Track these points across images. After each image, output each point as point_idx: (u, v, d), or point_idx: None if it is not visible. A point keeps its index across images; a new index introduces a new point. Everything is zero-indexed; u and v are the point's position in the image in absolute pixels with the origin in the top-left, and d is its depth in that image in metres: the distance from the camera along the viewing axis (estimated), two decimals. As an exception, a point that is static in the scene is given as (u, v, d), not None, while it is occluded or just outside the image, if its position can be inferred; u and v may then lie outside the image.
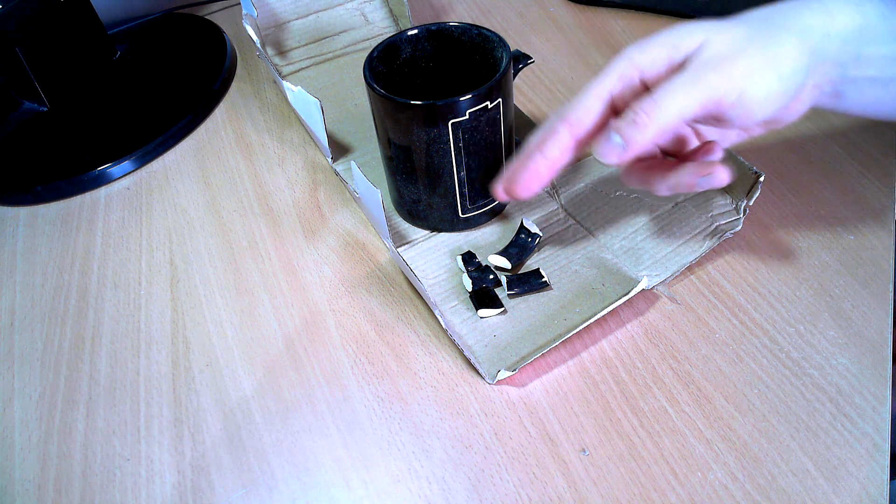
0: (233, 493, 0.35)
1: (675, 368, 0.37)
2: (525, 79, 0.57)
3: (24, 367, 0.42)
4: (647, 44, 0.34)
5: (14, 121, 0.59)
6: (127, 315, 0.44)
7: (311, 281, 0.44)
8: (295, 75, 0.60)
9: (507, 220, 0.46)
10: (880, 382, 0.35)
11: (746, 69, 0.31)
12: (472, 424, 0.36)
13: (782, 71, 0.31)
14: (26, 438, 0.38)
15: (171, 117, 0.57)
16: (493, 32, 0.41)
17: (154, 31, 0.68)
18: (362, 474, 0.35)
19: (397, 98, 0.38)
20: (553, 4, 0.65)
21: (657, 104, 0.31)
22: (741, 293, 0.40)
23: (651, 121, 0.32)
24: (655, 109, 0.31)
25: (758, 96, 0.32)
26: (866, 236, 0.42)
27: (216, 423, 0.38)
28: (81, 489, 0.36)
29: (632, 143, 0.32)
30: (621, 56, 0.35)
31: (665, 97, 0.31)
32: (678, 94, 0.31)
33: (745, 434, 0.34)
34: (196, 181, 0.53)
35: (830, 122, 0.49)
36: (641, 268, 0.42)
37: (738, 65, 0.31)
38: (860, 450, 0.33)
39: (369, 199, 0.40)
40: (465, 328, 0.40)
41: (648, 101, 0.32)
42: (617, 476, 0.33)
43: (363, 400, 0.38)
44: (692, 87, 0.31)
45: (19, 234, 0.51)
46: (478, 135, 0.39)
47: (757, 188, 0.42)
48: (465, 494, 0.33)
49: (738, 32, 0.32)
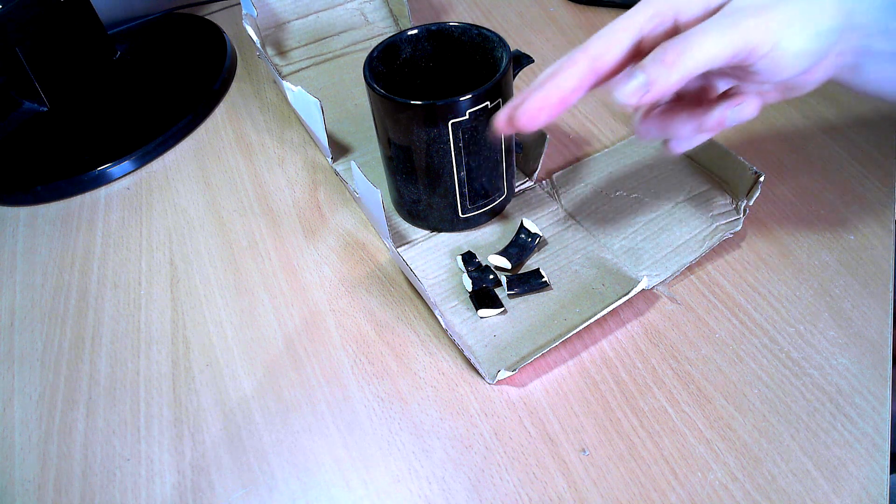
0: (233, 493, 0.35)
1: (675, 368, 0.37)
2: (525, 79, 0.57)
3: (24, 367, 0.42)
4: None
5: (14, 121, 0.59)
6: (127, 315, 0.44)
7: (311, 281, 0.44)
8: (295, 75, 0.60)
9: (507, 220, 0.46)
10: (880, 382, 0.35)
11: (785, 19, 0.29)
12: (472, 424, 0.36)
13: (820, 27, 0.30)
14: (26, 438, 0.38)
15: (171, 117, 0.57)
16: (493, 32, 0.41)
17: (154, 31, 0.68)
18: (362, 474, 0.35)
19: (397, 98, 0.38)
20: (553, 4, 0.65)
21: (688, 44, 0.29)
22: (741, 293, 0.40)
23: (680, 61, 0.29)
24: (686, 50, 0.29)
25: (791, 50, 0.30)
26: (866, 236, 0.42)
27: (216, 423, 0.38)
28: (81, 489, 0.36)
29: (656, 83, 0.30)
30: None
31: (697, 38, 0.29)
32: (711, 37, 0.29)
33: (745, 434, 0.34)
34: (196, 181, 0.53)
35: (831, 123, 0.49)
36: (641, 268, 0.42)
37: (777, 13, 0.29)
38: (860, 450, 0.33)
39: (369, 199, 0.40)
40: (465, 328, 0.40)
41: (679, 39, 0.29)
42: (617, 476, 0.33)
43: (363, 400, 0.38)
44: (728, 31, 0.29)
45: (19, 234, 0.51)
46: (478, 135, 0.39)
47: (757, 188, 0.42)
48: (465, 494, 0.33)
49: None
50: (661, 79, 0.29)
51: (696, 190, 0.45)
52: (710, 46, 0.29)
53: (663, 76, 0.29)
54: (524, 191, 0.48)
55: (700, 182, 0.46)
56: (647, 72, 0.30)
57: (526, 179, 0.48)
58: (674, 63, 0.29)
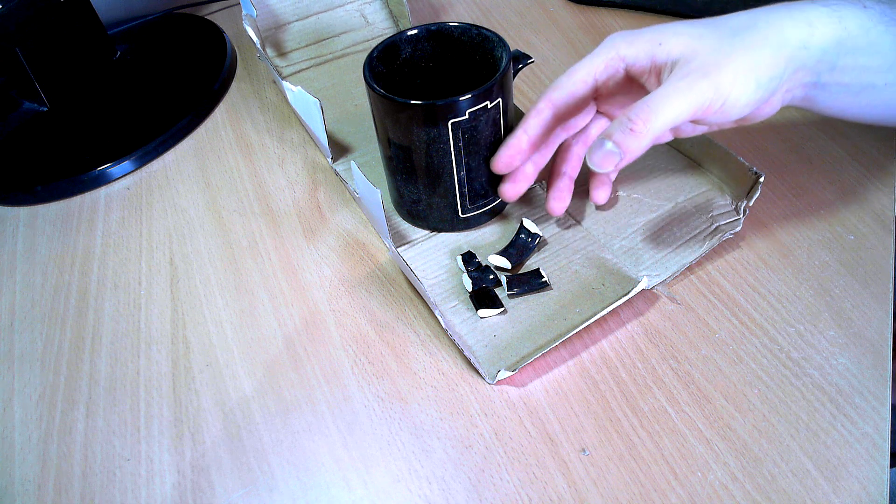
0: (233, 493, 0.35)
1: (675, 368, 0.37)
2: (525, 79, 0.57)
3: (24, 367, 0.42)
4: (634, 37, 0.35)
5: (14, 121, 0.59)
6: (127, 315, 0.44)
7: (311, 281, 0.44)
8: (295, 76, 0.60)
9: (507, 220, 0.46)
10: (880, 382, 0.35)
11: (731, 78, 0.32)
12: (472, 424, 0.36)
13: (760, 78, 0.32)
14: (26, 438, 0.38)
15: (171, 117, 0.57)
16: (493, 32, 0.41)
17: (154, 31, 0.68)
18: (362, 474, 0.35)
19: (397, 98, 0.38)
20: (553, 4, 0.65)
21: (652, 111, 0.32)
22: (741, 293, 0.40)
23: (647, 128, 0.32)
24: (651, 116, 0.32)
25: (738, 102, 0.33)
26: (866, 236, 0.42)
27: (216, 423, 0.38)
28: (81, 489, 0.36)
29: (629, 151, 0.33)
30: (608, 44, 0.36)
31: (660, 103, 0.32)
32: (672, 101, 0.32)
33: (745, 434, 0.34)
34: (196, 181, 0.53)
35: (830, 122, 0.49)
36: (641, 268, 0.42)
37: (724, 73, 0.32)
38: (860, 450, 0.33)
39: (369, 199, 0.40)
40: (465, 328, 0.40)
41: (643, 107, 0.32)
42: (617, 476, 0.33)
43: (363, 400, 0.38)
44: (685, 95, 0.32)
45: (19, 234, 0.51)
46: (478, 135, 0.39)
47: (757, 188, 0.42)
48: (465, 494, 0.33)
49: (722, 38, 0.33)
50: (633, 146, 0.33)
51: (696, 190, 0.45)
52: (674, 109, 0.32)
53: (634, 143, 0.33)
54: (524, 191, 0.48)
55: (700, 182, 0.46)
56: (619, 141, 0.33)
57: (526, 179, 0.48)
58: (642, 131, 0.32)
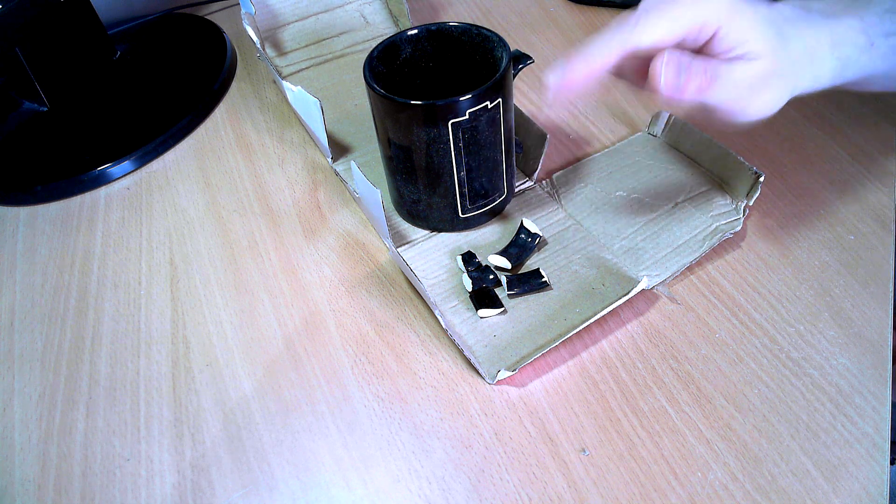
0: (233, 493, 0.35)
1: (675, 368, 0.37)
2: (525, 79, 0.57)
3: (24, 367, 0.42)
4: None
5: (14, 121, 0.59)
6: (127, 315, 0.44)
7: (311, 281, 0.44)
8: (295, 76, 0.60)
9: (507, 220, 0.46)
10: (880, 382, 0.35)
11: (773, 97, 0.34)
12: (472, 424, 0.36)
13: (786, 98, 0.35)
14: (26, 438, 0.38)
15: (171, 117, 0.57)
16: (493, 32, 0.41)
17: (154, 31, 0.68)
18: (362, 474, 0.35)
19: (397, 98, 0.38)
20: (553, 4, 0.65)
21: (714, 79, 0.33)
22: (741, 293, 0.40)
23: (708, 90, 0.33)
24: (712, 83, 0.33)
25: (763, 113, 0.34)
26: (866, 236, 0.42)
27: (216, 423, 0.38)
28: (81, 489, 0.36)
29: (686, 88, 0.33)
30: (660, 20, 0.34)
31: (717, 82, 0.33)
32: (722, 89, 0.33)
33: (745, 434, 0.34)
34: (196, 181, 0.53)
35: (831, 122, 0.49)
36: (641, 268, 0.42)
37: (769, 91, 0.34)
38: (860, 450, 0.33)
39: (369, 199, 0.40)
40: (465, 328, 0.40)
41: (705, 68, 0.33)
42: (617, 476, 0.33)
43: (363, 400, 0.38)
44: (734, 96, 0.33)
45: (19, 234, 0.51)
46: (478, 135, 0.39)
47: (757, 188, 0.42)
48: (465, 494, 0.33)
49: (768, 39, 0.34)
50: (691, 88, 0.33)
51: (696, 190, 0.45)
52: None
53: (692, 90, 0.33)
54: (524, 191, 0.48)
55: (700, 182, 0.46)
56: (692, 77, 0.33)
57: (526, 179, 0.48)
58: (704, 89, 0.33)
